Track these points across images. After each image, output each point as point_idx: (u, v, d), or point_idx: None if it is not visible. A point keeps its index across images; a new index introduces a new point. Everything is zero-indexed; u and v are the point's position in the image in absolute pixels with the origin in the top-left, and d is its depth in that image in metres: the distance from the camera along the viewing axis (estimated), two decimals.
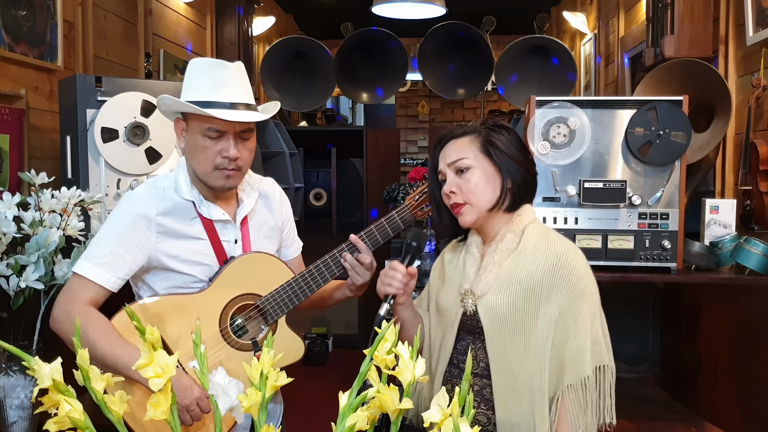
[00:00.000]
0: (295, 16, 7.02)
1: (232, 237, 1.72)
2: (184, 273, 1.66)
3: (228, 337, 1.67)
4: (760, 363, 2.30)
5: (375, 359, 0.96)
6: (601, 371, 1.50)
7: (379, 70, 5.29)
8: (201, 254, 1.68)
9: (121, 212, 1.66)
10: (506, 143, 1.59)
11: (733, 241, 2.40)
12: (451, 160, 1.59)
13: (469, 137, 1.60)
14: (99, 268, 1.61)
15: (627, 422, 2.53)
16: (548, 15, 5.56)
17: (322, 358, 4.95)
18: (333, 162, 5.34)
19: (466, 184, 1.57)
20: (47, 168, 2.18)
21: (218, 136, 1.61)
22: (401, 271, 1.57)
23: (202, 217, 1.68)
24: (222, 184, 1.65)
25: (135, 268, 1.64)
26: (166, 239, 1.65)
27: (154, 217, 1.63)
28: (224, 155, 1.61)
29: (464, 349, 1.60)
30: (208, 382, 0.99)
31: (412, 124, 8.28)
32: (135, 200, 1.66)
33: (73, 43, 3.11)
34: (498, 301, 1.54)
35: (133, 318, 0.98)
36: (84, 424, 0.90)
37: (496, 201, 1.57)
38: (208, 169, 1.63)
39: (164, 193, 1.68)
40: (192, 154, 1.65)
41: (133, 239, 1.62)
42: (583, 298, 1.51)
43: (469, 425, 0.89)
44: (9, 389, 1.86)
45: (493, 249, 1.59)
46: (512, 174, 1.57)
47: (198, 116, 1.61)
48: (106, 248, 1.62)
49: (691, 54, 2.95)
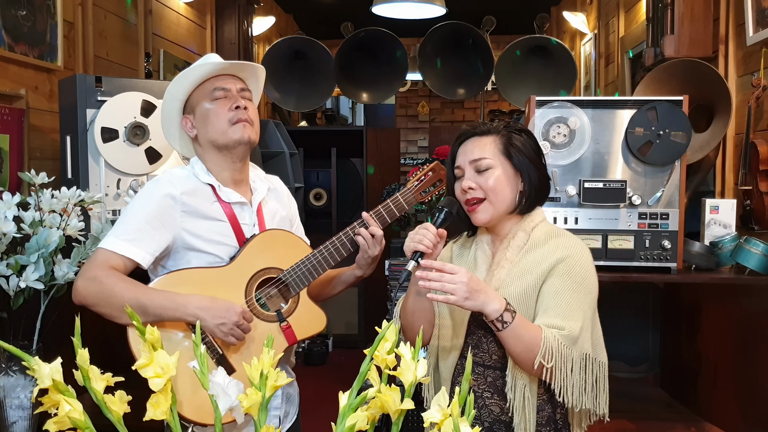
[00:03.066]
0: (295, 16, 7.02)
1: (249, 220, 1.80)
2: (207, 252, 1.73)
3: (254, 308, 1.73)
4: (760, 363, 2.30)
5: (375, 359, 0.96)
6: (586, 359, 1.50)
7: (379, 70, 5.30)
8: (222, 234, 1.75)
9: (146, 194, 1.74)
10: (527, 146, 1.62)
11: (733, 241, 2.40)
12: (473, 158, 1.61)
13: (491, 137, 1.63)
14: (127, 244, 1.66)
15: (627, 422, 2.53)
16: (548, 15, 5.56)
17: (322, 358, 4.95)
18: (333, 162, 5.34)
19: (487, 182, 1.60)
20: (47, 168, 2.18)
21: (225, 95, 1.74)
22: (432, 231, 1.59)
23: (221, 200, 1.77)
24: (240, 135, 1.73)
25: (162, 245, 1.70)
26: (189, 218, 1.72)
27: (179, 196, 1.71)
28: (234, 106, 1.73)
29: (476, 344, 1.63)
30: (208, 382, 0.99)
31: (412, 124, 8.28)
32: (159, 183, 1.74)
33: (73, 43, 3.11)
34: (509, 293, 1.56)
35: (133, 318, 0.98)
36: (84, 424, 0.90)
37: (514, 203, 1.61)
38: (224, 126, 1.73)
39: (186, 176, 1.77)
40: (205, 127, 1.75)
41: (160, 217, 1.69)
42: (583, 286, 1.54)
43: (469, 425, 0.89)
44: (9, 389, 1.86)
45: (505, 246, 1.62)
46: (531, 177, 1.61)
47: (201, 87, 1.75)
48: (134, 225, 1.68)
49: (691, 54, 2.95)
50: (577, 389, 1.49)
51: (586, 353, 1.51)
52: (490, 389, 1.59)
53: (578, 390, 1.49)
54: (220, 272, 1.72)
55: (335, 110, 6.92)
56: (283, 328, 1.75)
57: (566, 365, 1.48)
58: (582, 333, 1.51)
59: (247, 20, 5.07)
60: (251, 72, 1.84)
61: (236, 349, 1.69)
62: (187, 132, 1.80)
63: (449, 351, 1.67)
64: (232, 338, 1.64)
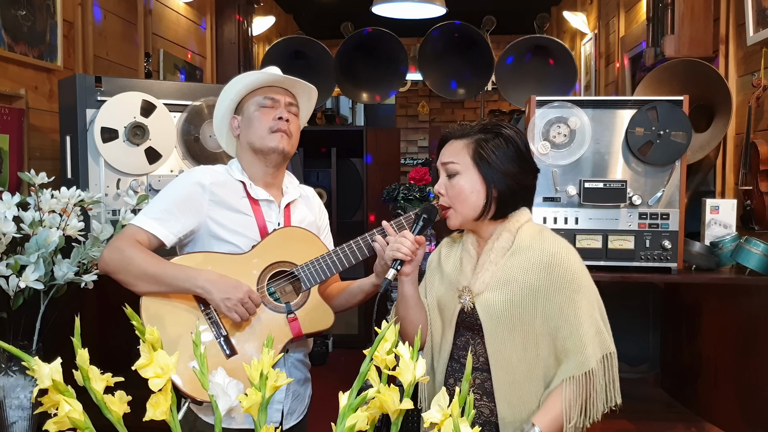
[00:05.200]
0: (295, 16, 7.02)
1: (275, 219, 1.88)
2: (229, 242, 1.81)
3: (264, 297, 1.78)
4: (761, 363, 2.30)
5: (375, 359, 0.96)
6: (608, 359, 1.53)
7: (379, 70, 5.29)
8: (246, 227, 1.83)
9: (180, 180, 1.85)
10: (497, 153, 1.57)
11: (734, 241, 2.40)
12: (443, 161, 1.63)
13: (464, 141, 1.61)
14: (154, 222, 1.77)
15: (627, 422, 2.53)
16: (548, 15, 5.56)
17: (322, 358, 4.95)
18: (333, 162, 5.33)
19: (452, 188, 1.60)
20: (47, 168, 2.18)
21: (272, 105, 1.86)
22: (410, 238, 1.62)
23: (250, 197, 1.86)
24: (276, 144, 1.84)
25: (187, 228, 1.80)
26: (216, 208, 1.81)
27: (209, 185, 1.81)
28: (278, 117, 1.85)
29: (464, 345, 1.63)
30: (208, 382, 0.99)
31: (412, 124, 8.28)
32: (194, 172, 1.87)
33: (73, 43, 3.11)
34: (495, 298, 1.56)
35: (133, 319, 0.98)
36: (84, 424, 0.90)
37: (480, 211, 1.59)
38: (264, 133, 1.84)
39: (219, 171, 1.88)
40: (248, 129, 1.86)
41: (188, 202, 1.79)
42: (580, 292, 1.54)
43: (469, 425, 0.89)
44: (9, 389, 1.86)
45: (489, 247, 1.61)
46: (498, 185, 1.57)
47: (254, 93, 1.87)
48: (163, 206, 1.79)
49: (691, 54, 2.95)
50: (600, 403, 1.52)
51: (609, 352, 1.53)
52: (479, 391, 1.59)
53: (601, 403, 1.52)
54: (237, 259, 1.79)
55: (335, 110, 6.92)
56: (290, 319, 1.78)
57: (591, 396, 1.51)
58: (598, 336, 1.52)
59: (247, 20, 5.08)
60: (304, 89, 1.95)
61: (241, 332, 1.74)
62: (233, 130, 1.92)
63: (439, 353, 1.68)
64: (235, 314, 1.69)
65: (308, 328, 1.80)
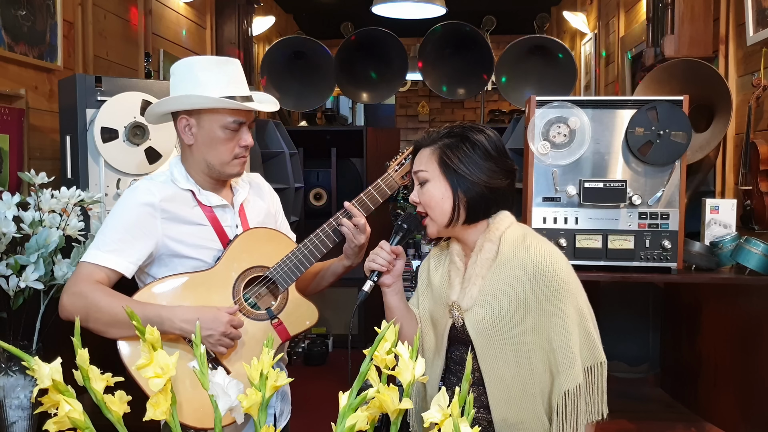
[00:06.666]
0: (295, 16, 7.02)
1: (232, 222, 1.80)
2: (191, 257, 1.72)
3: (243, 308, 1.73)
4: (761, 363, 2.30)
5: (375, 359, 0.96)
6: (596, 368, 1.52)
7: (379, 70, 5.29)
8: (205, 239, 1.74)
9: (124, 204, 1.72)
10: (462, 158, 1.54)
11: (734, 241, 2.40)
12: (414, 170, 1.62)
13: (431, 148, 1.59)
14: (109, 255, 1.66)
15: (627, 422, 2.53)
16: (548, 15, 5.57)
17: (322, 358, 4.95)
18: (333, 162, 5.33)
19: (423, 196, 1.59)
20: (47, 168, 2.18)
21: (238, 128, 1.72)
22: (386, 249, 1.61)
23: (202, 204, 1.76)
24: (238, 171, 1.77)
25: (144, 254, 1.69)
26: (171, 224, 1.71)
27: (158, 203, 1.70)
28: (243, 144, 1.74)
29: (458, 359, 1.62)
30: (208, 382, 0.99)
31: (412, 124, 8.28)
32: (137, 192, 1.72)
33: (73, 43, 3.11)
34: (484, 315, 1.54)
35: (133, 318, 0.98)
36: (84, 424, 0.90)
37: (449, 218, 1.56)
38: (227, 159, 1.73)
39: (163, 183, 1.75)
40: (208, 147, 1.72)
41: (140, 226, 1.68)
42: (567, 300, 1.51)
43: (469, 425, 0.89)
44: (9, 389, 1.85)
45: (474, 260, 1.58)
46: (464, 191, 1.54)
47: (218, 110, 1.70)
48: (115, 236, 1.68)
49: (691, 54, 2.95)
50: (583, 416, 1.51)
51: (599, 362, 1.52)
52: (476, 404, 1.56)
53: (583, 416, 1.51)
54: (206, 276, 1.71)
55: (335, 110, 6.91)
56: (275, 325, 1.75)
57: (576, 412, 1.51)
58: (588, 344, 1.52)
59: (247, 20, 5.07)
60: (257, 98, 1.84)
61: (229, 352, 1.69)
62: (180, 130, 1.74)
63: (431, 367, 1.66)
64: (221, 348, 1.65)
65: (294, 329, 1.78)
